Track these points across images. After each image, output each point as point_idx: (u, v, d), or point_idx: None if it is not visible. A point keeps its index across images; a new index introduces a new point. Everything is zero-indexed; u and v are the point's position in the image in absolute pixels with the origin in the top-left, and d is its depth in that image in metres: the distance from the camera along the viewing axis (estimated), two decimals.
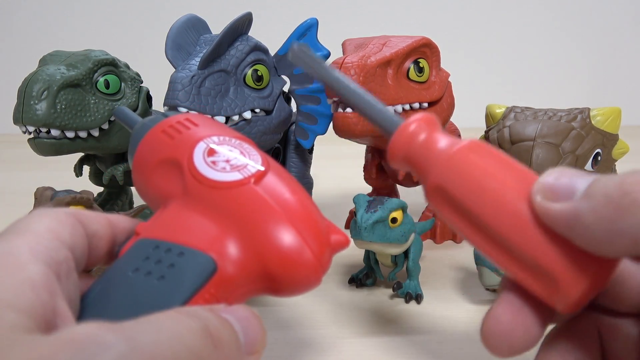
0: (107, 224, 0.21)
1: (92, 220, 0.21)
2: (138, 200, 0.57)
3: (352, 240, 0.35)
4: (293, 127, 0.48)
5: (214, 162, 0.22)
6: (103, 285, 0.19)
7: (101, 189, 0.54)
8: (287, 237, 0.21)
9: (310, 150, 0.50)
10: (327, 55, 0.44)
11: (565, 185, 0.18)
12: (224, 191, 0.22)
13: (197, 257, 0.20)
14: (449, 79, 0.44)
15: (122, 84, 0.45)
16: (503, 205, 0.19)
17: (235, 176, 0.22)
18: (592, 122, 0.36)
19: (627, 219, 0.16)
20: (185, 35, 0.41)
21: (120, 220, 0.22)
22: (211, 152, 0.23)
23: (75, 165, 0.51)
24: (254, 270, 0.21)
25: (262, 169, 0.22)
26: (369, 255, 0.40)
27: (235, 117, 0.39)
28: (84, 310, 0.19)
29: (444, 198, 0.20)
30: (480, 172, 0.19)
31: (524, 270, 0.19)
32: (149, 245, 0.20)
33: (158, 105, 0.44)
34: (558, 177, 0.18)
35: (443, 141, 0.21)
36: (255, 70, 0.41)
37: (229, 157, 0.23)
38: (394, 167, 0.23)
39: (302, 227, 0.21)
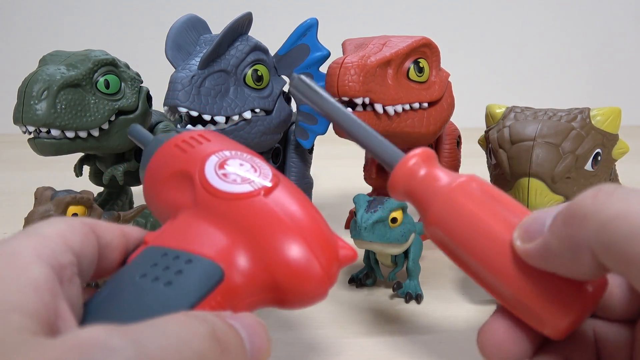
0: (120, 234, 0.22)
1: (107, 231, 0.21)
2: (138, 200, 0.57)
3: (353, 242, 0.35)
4: (293, 127, 0.48)
5: (225, 175, 0.23)
6: (109, 290, 0.19)
7: (101, 189, 0.54)
8: (295, 250, 0.21)
9: (310, 150, 0.50)
10: (327, 55, 0.44)
11: (537, 223, 0.19)
12: (234, 202, 0.22)
13: (205, 265, 0.20)
14: (449, 79, 0.44)
15: (122, 84, 0.45)
16: (490, 248, 0.20)
17: (246, 188, 0.22)
18: (592, 122, 0.36)
19: (581, 233, 0.17)
20: (185, 35, 0.41)
21: (133, 231, 0.23)
22: (222, 165, 0.23)
23: (75, 165, 0.51)
24: (262, 281, 0.21)
25: (273, 182, 0.23)
26: (369, 255, 0.40)
27: (235, 117, 0.39)
28: (89, 314, 0.19)
29: (439, 236, 0.22)
30: (470, 215, 0.20)
31: (514, 307, 0.20)
32: (157, 252, 0.21)
33: (158, 105, 0.44)
34: (534, 219, 0.19)
35: (441, 180, 0.22)
36: (255, 70, 0.41)
37: (239, 170, 0.23)
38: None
39: (311, 240, 0.21)
